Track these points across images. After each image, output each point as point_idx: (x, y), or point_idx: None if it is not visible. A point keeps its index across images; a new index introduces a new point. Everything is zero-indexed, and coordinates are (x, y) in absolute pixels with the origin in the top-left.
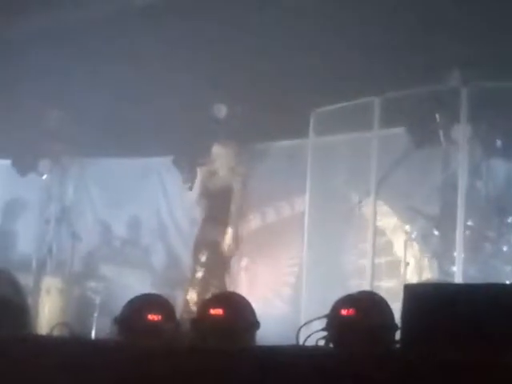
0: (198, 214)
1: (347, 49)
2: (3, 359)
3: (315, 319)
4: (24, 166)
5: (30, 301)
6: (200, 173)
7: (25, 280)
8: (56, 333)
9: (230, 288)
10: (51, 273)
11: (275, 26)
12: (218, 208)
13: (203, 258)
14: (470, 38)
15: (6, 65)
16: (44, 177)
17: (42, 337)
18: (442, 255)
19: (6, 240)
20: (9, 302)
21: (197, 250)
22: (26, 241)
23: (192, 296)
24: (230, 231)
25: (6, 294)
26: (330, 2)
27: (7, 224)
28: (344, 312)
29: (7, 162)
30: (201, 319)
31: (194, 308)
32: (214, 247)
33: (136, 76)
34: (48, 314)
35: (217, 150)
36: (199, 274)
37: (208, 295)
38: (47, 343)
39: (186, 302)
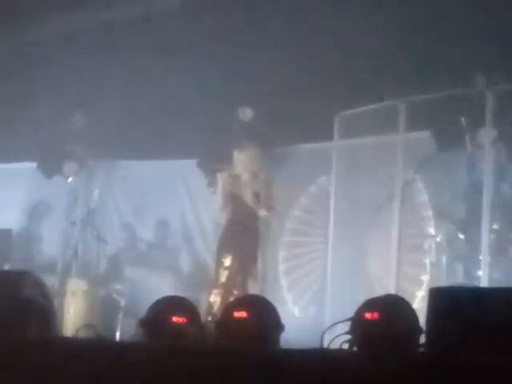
0: (223, 217)
1: (372, 51)
2: (30, 360)
3: (339, 322)
4: (49, 169)
5: (55, 303)
6: (221, 177)
7: (50, 282)
8: (81, 334)
9: (254, 291)
10: (77, 275)
11: (300, 29)
12: (243, 212)
13: (227, 262)
14: (495, 41)
15: (30, 66)
16: (69, 179)
17: (67, 338)
18: (468, 259)
19: (32, 242)
20: (35, 303)
21: (220, 253)
22: (51, 243)
23: (216, 299)
24: (255, 235)
25: (32, 296)
26: (356, 5)
27: (33, 226)
28: (368, 315)
29: (33, 165)
30: (225, 322)
31: (218, 311)
32: (238, 251)
33: (162, 78)
34: (73, 315)
35: (238, 155)
36: (223, 277)
37: (231, 298)
38: (72, 345)
39: (210, 305)
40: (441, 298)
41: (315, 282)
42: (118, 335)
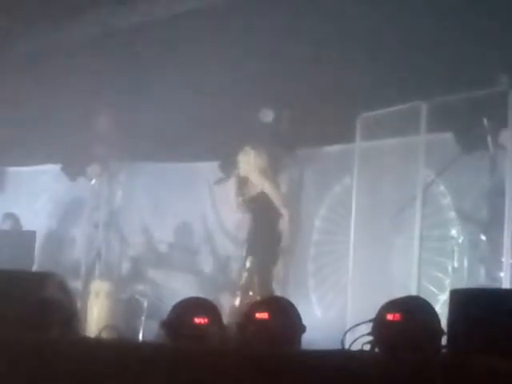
0: (245, 219)
1: (394, 53)
2: (53, 360)
3: (361, 323)
4: (73, 171)
5: (79, 304)
6: (236, 180)
7: (74, 283)
8: (104, 335)
9: (277, 293)
10: (100, 276)
11: (322, 31)
12: (259, 214)
13: (247, 263)
14: None
15: (54, 69)
16: (93, 181)
17: (90, 339)
18: (489, 260)
19: (55, 244)
20: (59, 305)
21: (245, 255)
22: (75, 245)
23: (239, 300)
24: (275, 236)
25: (56, 297)
26: (380, 6)
27: (57, 228)
28: (390, 317)
29: (57, 167)
30: (246, 323)
31: (240, 312)
32: (257, 252)
33: (185, 80)
34: (96, 316)
35: (241, 158)
36: (242, 279)
37: (248, 300)
38: (95, 346)
39: (233, 307)
40: (462, 300)
41: (338, 283)
42: (140, 336)
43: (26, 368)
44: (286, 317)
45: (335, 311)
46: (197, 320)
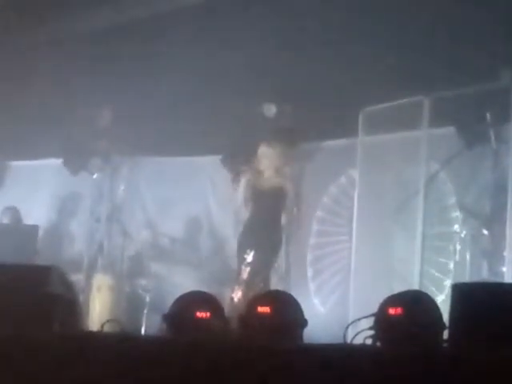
0: (245, 213)
1: (396, 47)
2: (55, 354)
3: (363, 318)
4: (75, 165)
5: (81, 298)
6: (246, 173)
7: (76, 277)
8: (106, 329)
9: (276, 287)
10: (102, 270)
11: (325, 26)
12: (266, 208)
13: (249, 258)
14: None
15: (56, 63)
16: (95, 176)
17: (92, 333)
18: (492, 255)
19: (57, 238)
20: (60, 298)
21: (242, 249)
22: (77, 239)
23: (238, 294)
24: (277, 231)
25: (58, 290)
26: (381, 2)
27: (59, 223)
28: (392, 311)
29: (59, 162)
30: (248, 317)
31: (241, 306)
32: (259, 247)
33: (187, 74)
34: (99, 310)
35: (263, 150)
36: (245, 273)
37: (253, 294)
38: (97, 339)
39: (232, 300)
40: (464, 294)
41: (341, 277)
42: (143, 330)
43: (27, 362)
44: (287, 311)
45: (337, 305)
46: (199, 314)
